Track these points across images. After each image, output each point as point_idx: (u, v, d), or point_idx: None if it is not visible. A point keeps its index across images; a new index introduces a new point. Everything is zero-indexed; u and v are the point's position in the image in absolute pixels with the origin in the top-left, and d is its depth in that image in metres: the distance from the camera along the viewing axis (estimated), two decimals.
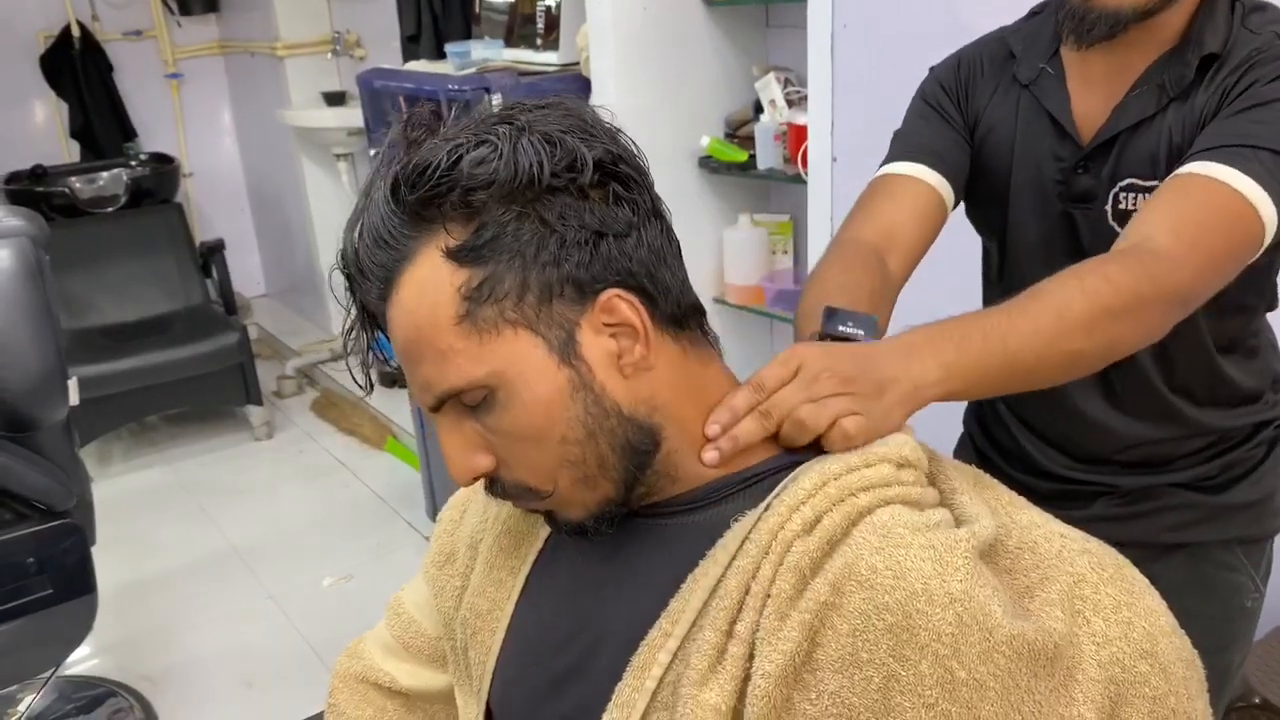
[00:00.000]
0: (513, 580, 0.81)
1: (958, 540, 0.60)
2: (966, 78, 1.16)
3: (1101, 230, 1.07)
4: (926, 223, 1.11)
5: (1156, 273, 0.86)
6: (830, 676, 0.59)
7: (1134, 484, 1.17)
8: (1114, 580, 0.63)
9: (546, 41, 2.58)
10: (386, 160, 0.68)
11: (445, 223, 0.65)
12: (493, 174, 0.64)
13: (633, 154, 0.69)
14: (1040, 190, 1.11)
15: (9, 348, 1.80)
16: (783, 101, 2.23)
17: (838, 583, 0.60)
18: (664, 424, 0.69)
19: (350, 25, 4.00)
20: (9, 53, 4.19)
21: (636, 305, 0.67)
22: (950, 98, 1.16)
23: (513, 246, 0.65)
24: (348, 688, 0.98)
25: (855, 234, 1.07)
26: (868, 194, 1.13)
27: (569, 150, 0.65)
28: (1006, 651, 0.57)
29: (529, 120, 0.66)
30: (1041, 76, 1.10)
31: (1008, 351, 0.80)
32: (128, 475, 3.59)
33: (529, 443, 0.68)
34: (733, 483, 0.71)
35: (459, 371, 0.66)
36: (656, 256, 0.68)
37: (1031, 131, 1.11)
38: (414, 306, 0.66)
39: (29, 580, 1.79)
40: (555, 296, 0.66)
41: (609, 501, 0.71)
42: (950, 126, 1.15)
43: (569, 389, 0.66)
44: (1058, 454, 1.21)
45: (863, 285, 0.98)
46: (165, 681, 2.49)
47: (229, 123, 4.80)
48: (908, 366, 0.74)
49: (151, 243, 3.90)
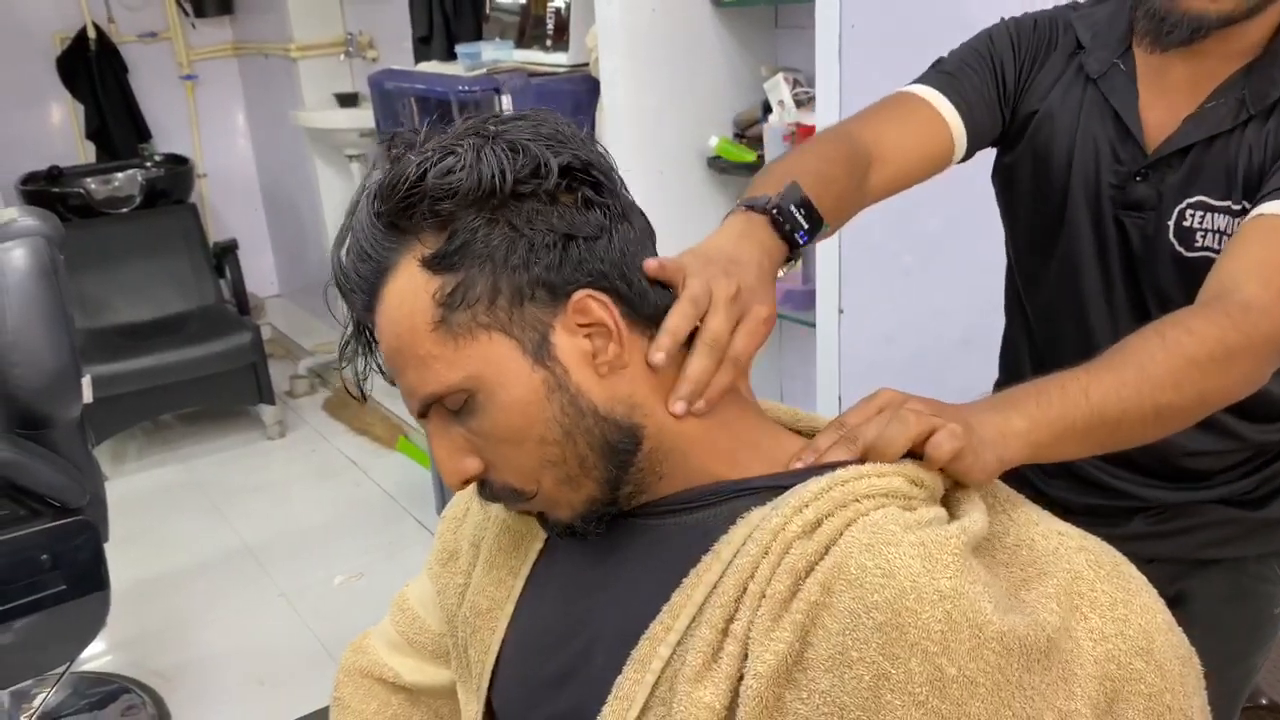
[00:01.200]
0: (513, 579, 0.82)
1: (948, 537, 0.60)
2: (1040, 45, 1.09)
3: (1156, 244, 1.03)
4: (927, 158, 1.06)
5: (1244, 323, 0.82)
6: (821, 675, 0.60)
7: (1172, 499, 1.14)
8: (1110, 577, 0.63)
9: (556, 42, 2.59)
10: (370, 178, 0.70)
11: (419, 233, 0.67)
12: (458, 183, 0.65)
13: (602, 159, 0.71)
14: (1096, 192, 1.06)
15: (24, 346, 1.82)
16: (791, 102, 2.24)
17: (828, 582, 0.61)
18: (644, 422, 0.70)
19: (363, 27, 4.02)
20: (26, 55, 4.22)
21: (608, 305, 0.68)
22: (1015, 58, 1.10)
23: (483, 252, 0.66)
24: (352, 682, 0.99)
25: (856, 132, 1.02)
26: (884, 102, 1.08)
27: (533, 157, 0.66)
28: (996, 648, 0.57)
29: (498, 130, 0.68)
30: (1112, 72, 1.04)
31: (1091, 404, 0.77)
32: (141, 473, 3.62)
33: (509, 444, 0.69)
34: (730, 488, 0.71)
35: (438, 377, 0.68)
36: (630, 258, 0.70)
37: (1094, 128, 1.05)
38: (395, 316, 0.68)
39: (43, 576, 1.81)
40: (527, 299, 0.67)
41: (595, 501, 0.71)
42: (995, 83, 1.09)
43: (545, 390, 0.67)
44: (1101, 460, 1.15)
45: (836, 183, 0.93)
46: (178, 678, 2.51)
47: (243, 124, 4.83)
48: (991, 417, 0.72)
49: (166, 243, 3.93)
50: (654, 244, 0.73)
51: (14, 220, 1.99)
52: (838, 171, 0.95)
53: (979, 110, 1.08)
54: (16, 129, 4.22)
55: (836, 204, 0.92)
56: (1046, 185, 1.10)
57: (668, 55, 2.30)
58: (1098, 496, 1.16)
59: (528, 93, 2.46)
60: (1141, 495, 1.14)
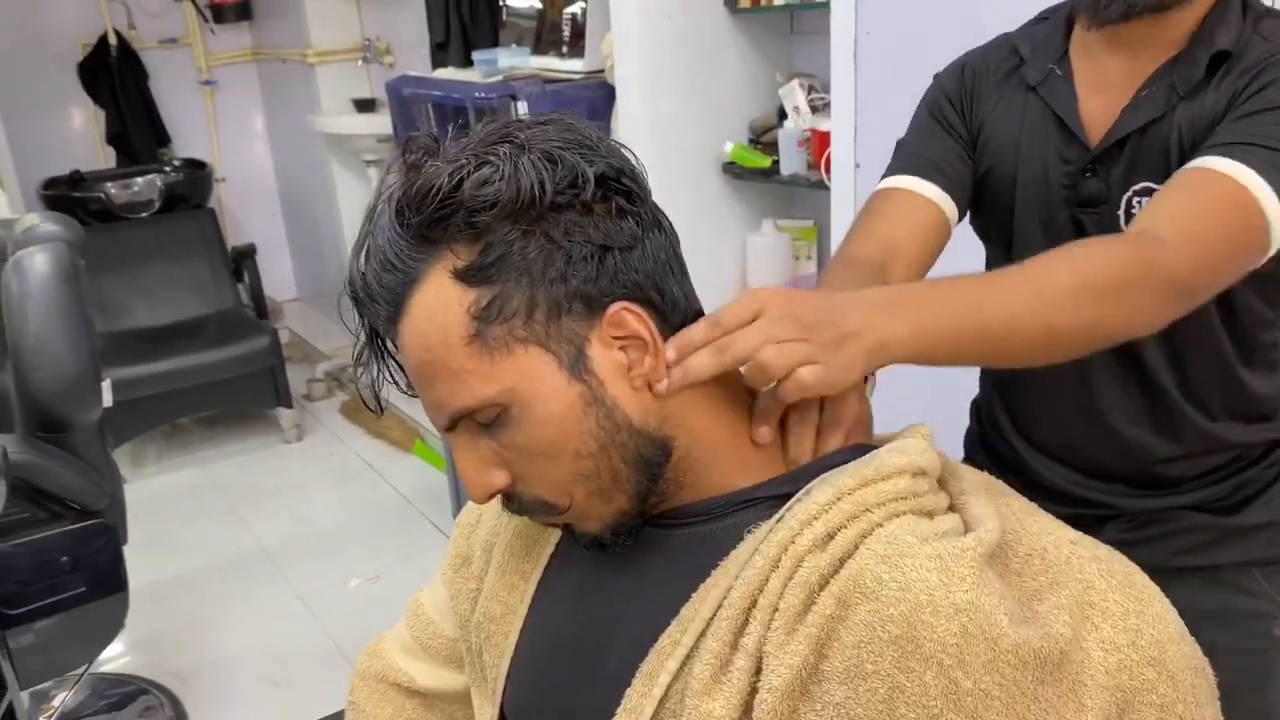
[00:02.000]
0: (525, 585, 0.82)
1: (964, 549, 0.60)
2: (971, 84, 1.14)
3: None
4: (927, 238, 1.09)
5: (1149, 257, 0.84)
6: (836, 688, 0.60)
7: (1143, 506, 1.14)
8: (1122, 587, 0.63)
9: (572, 49, 2.60)
10: (389, 185, 0.68)
11: (451, 244, 0.65)
12: (496, 194, 0.64)
13: (633, 167, 0.70)
14: (1046, 195, 1.09)
15: (44, 350, 1.84)
16: (806, 108, 2.24)
17: (843, 595, 0.60)
18: (674, 434, 0.70)
19: (380, 33, 4.04)
20: (49, 61, 4.26)
21: (644, 317, 0.67)
22: (954, 106, 1.14)
23: (519, 265, 0.65)
24: (367, 686, 0.99)
25: (855, 251, 1.06)
26: (866, 210, 1.12)
27: (570, 167, 0.65)
28: (1012, 660, 0.57)
29: (528, 138, 0.66)
30: (1049, 78, 1.08)
31: (983, 317, 0.77)
32: (160, 476, 3.64)
33: (544, 458, 0.68)
34: (740, 498, 0.71)
35: (471, 391, 0.66)
36: (662, 268, 0.69)
37: (1038, 134, 1.08)
38: (424, 328, 0.67)
39: (63, 578, 1.83)
40: (564, 312, 0.66)
41: (624, 514, 0.71)
42: (952, 138, 1.14)
43: (581, 404, 0.67)
44: (1060, 467, 1.17)
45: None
46: (195, 679, 2.53)
47: (261, 129, 4.86)
48: (873, 319, 0.71)
49: (185, 247, 3.96)
50: (679, 246, 0.73)
51: (36, 225, 2.01)
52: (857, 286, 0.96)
53: (952, 168, 1.12)
54: (39, 134, 4.26)
55: None
56: (997, 197, 1.13)
57: (683, 61, 2.31)
58: (1068, 506, 1.12)
59: (544, 99, 2.47)
60: (1113, 504, 1.14)
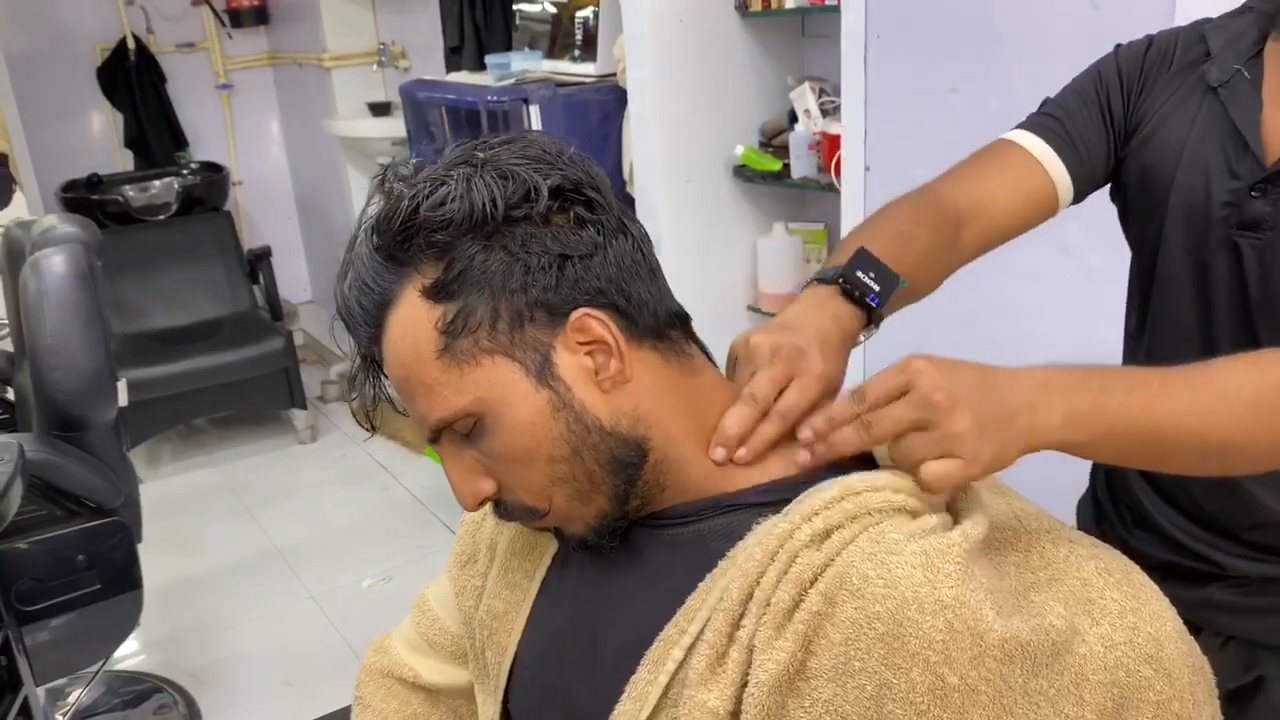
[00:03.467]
0: (528, 583, 0.83)
1: (950, 545, 0.61)
2: (1152, 67, 1.02)
3: (1274, 268, 0.94)
4: (1024, 210, 1.01)
5: None
6: (824, 685, 0.60)
7: (1254, 571, 1.04)
8: (1120, 584, 0.63)
9: (585, 52, 2.61)
10: (368, 213, 0.72)
11: (418, 264, 0.69)
12: (451, 214, 0.67)
13: (594, 177, 0.72)
14: (1204, 210, 0.97)
15: (61, 350, 1.86)
16: (817, 111, 2.24)
17: (830, 592, 0.61)
18: (649, 435, 0.71)
19: (395, 37, 4.07)
20: (68, 65, 4.30)
21: (607, 321, 0.69)
22: (1122, 85, 1.03)
23: (480, 279, 0.68)
24: (373, 682, 1.00)
25: (943, 190, 0.99)
26: (980, 154, 1.04)
27: (522, 182, 0.68)
28: (998, 654, 0.58)
29: (487, 158, 0.70)
30: (1234, 80, 0.96)
31: (1150, 418, 0.70)
32: (175, 476, 3.67)
33: (520, 464, 0.70)
34: (730, 501, 0.72)
35: (445, 403, 0.69)
36: (627, 272, 0.71)
37: (1207, 140, 0.97)
38: (400, 346, 0.70)
39: (78, 576, 1.84)
40: (527, 321, 0.68)
41: (605, 515, 0.73)
42: (1104, 118, 1.03)
43: (549, 409, 0.69)
44: (1177, 515, 1.08)
45: (918, 241, 0.91)
46: (208, 678, 2.55)
47: (277, 132, 4.89)
48: (1033, 401, 0.68)
49: (201, 249, 3.99)
50: (650, 249, 0.74)
51: (54, 227, 2.04)
52: (919, 230, 0.93)
53: (1085, 149, 1.02)
54: (58, 137, 4.30)
55: (922, 262, 0.91)
56: (1149, 202, 1.02)
57: (694, 65, 2.32)
58: (1174, 554, 1.08)
59: (556, 103, 2.48)
60: (1219, 561, 1.05)
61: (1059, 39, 1.59)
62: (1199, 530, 1.06)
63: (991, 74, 1.70)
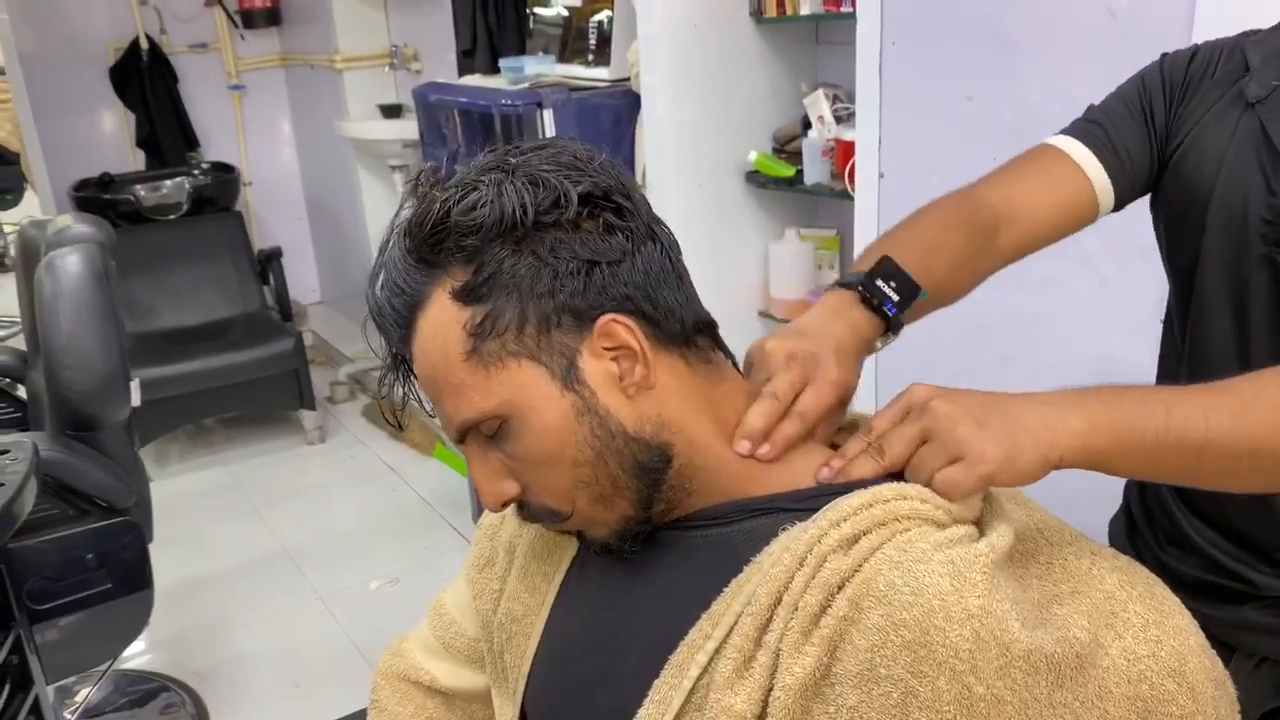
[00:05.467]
0: (547, 586, 0.84)
1: (977, 555, 0.61)
2: (1195, 76, 1.01)
3: None
4: (1063, 215, 0.99)
5: None
6: (849, 691, 0.60)
7: None
8: (1143, 598, 0.63)
9: (598, 57, 2.61)
10: (400, 216, 0.73)
11: (449, 267, 0.70)
12: (481, 218, 0.68)
13: (624, 184, 0.72)
14: (1241, 227, 0.95)
15: (76, 349, 1.86)
16: (831, 117, 2.24)
17: (856, 598, 0.61)
18: (673, 440, 0.71)
19: (407, 39, 4.08)
20: (81, 65, 4.32)
21: (633, 328, 0.70)
22: (1165, 94, 1.01)
23: (509, 282, 0.69)
24: (390, 685, 1.00)
25: (981, 194, 0.98)
26: (1021, 158, 1.03)
27: (552, 188, 0.69)
28: (1024, 666, 0.58)
29: (518, 163, 0.70)
30: (1273, 96, 0.94)
31: (1170, 422, 0.68)
32: (184, 476, 3.68)
33: (544, 467, 0.71)
34: (758, 504, 0.72)
35: (471, 404, 0.70)
36: (654, 279, 0.71)
37: (1245, 156, 0.95)
38: (429, 347, 0.71)
39: (89, 575, 1.85)
40: (554, 326, 0.69)
41: (629, 519, 0.73)
42: (1147, 126, 1.01)
43: (574, 414, 0.69)
44: (1212, 532, 1.06)
45: (949, 248, 0.91)
46: (216, 678, 2.55)
47: (288, 133, 4.90)
48: (1043, 412, 0.68)
49: (212, 249, 4.00)
50: (678, 256, 0.75)
51: (69, 226, 2.04)
52: (951, 237, 0.93)
53: (1128, 155, 1.01)
54: (70, 136, 4.31)
55: (951, 270, 0.91)
56: (1186, 219, 1.01)
57: (708, 70, 2.32)
58: (1208, 572, 1.06)
59: (569, 107, 2.49)
60: (1254, 581, 1.03)
61: (1076, 47, 1.59)
62: (1234, 549, 1.05)
63: (1007, 82, 1.70)
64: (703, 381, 0.74)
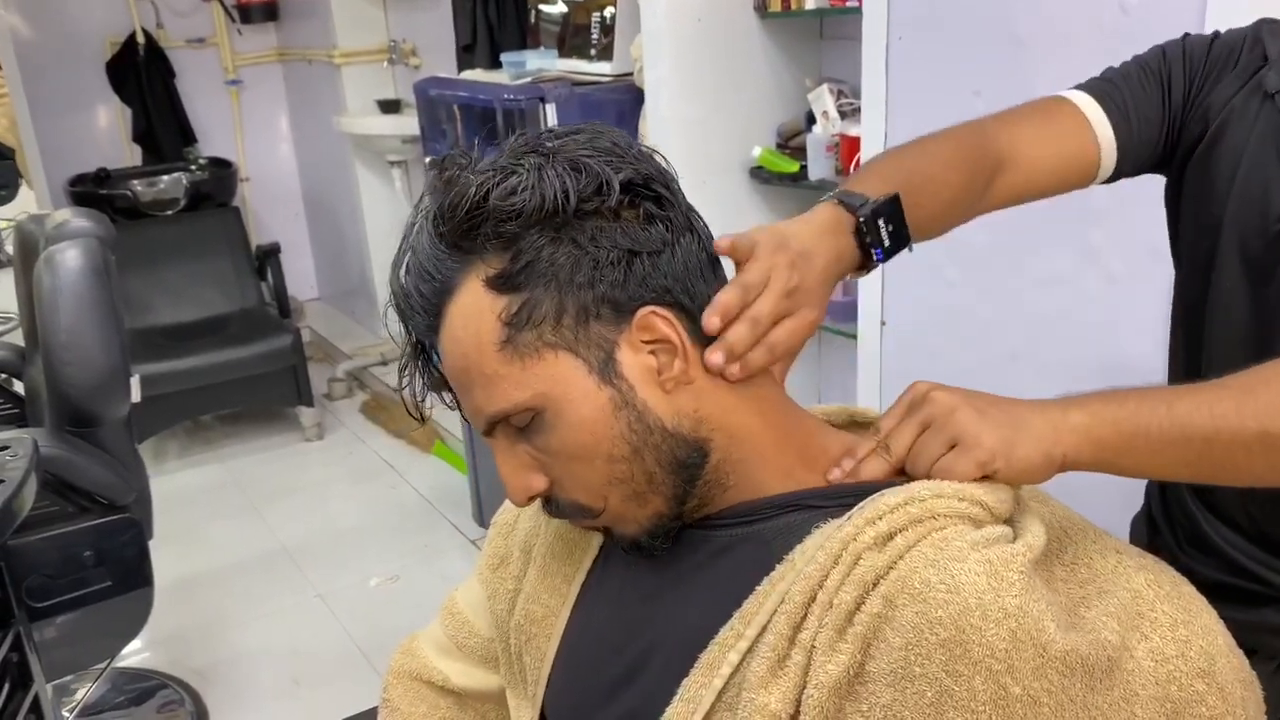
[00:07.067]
0: (567, 587, 0.82)
1: (1014, 554, 0.60)
2: (1217, 63, 0.98)
3: None
4: (1064, 170, 0.97)
5: None
6: (882, 689, 0.60)
7: None
8: (1171, 598, 0.63)
9: (601, 52, 2.60)
10: (425, 201, 0.70)
11: (483, 253, 0.67)
12: (522, 204, 0.66)
13: (663, 171, 0.70)
14: (1260, 222, 0.94)
15: (76, 345, 1.85)
16: (835, 113, 2.23)
17: (890, 595, 0.60)
18: (711, 436, 0.70)
19: (406, 34, 4.06)
20: (78, 59, 4.30)
21: (673, 321, 0.68)
22: (1186, 70, 0.99)
23: (548, 271, 0.66)
24: (402, 684, 0.99)
25: (991, 132, 0.95)
26: (1036, 103, 1.00)
27: (594, 175, 0.67)
28: (1060, 667, 0.57)
29: (556, 147, 0.68)
30: None
31: (1172, 414, 0.68)
32: (182, 473, 3.66)
33: (577, 462, 0.69)
34: (788, 500, 0.71)
35: (505, 396, 0.68)
36: (692, 271, 0.70)
37: (1264, 149, 0.93)
38: (460, 336, 0.69)
39: (88, 572, 1.84)
40: (592, 317, 0.67)
41: (661, 517, 0.72)
42: (1164, 99, 0.99)
43: (611, 408, 0.68)
44: (1233, 533, 1.05)
45: (948, 188, 0.89)
46: (215, 676, 2.54)
47: (286, 129, 4.89)
48: (1047, 410, 0.68)
49: (209, 245, 3.99)
50: (712, 246, 0.73)
51: (68, 221, 2.02)
52: (953, 176, 0.90)
53: (1138, 125, 0.99)
54: (67, 131, 4.30)
55: (945, 209, 0.89)
56: (1205, 213, 0.99)
57: (712, 65, 2.31)
58: (1230, 574, 1.05)
59: (572, 102, 2.47)
60: (1274, 582, 1.02)
61: (1085, 42, 1.58)
62: (1255, 550, 1.04)
63: (1015, 78, 1.69)
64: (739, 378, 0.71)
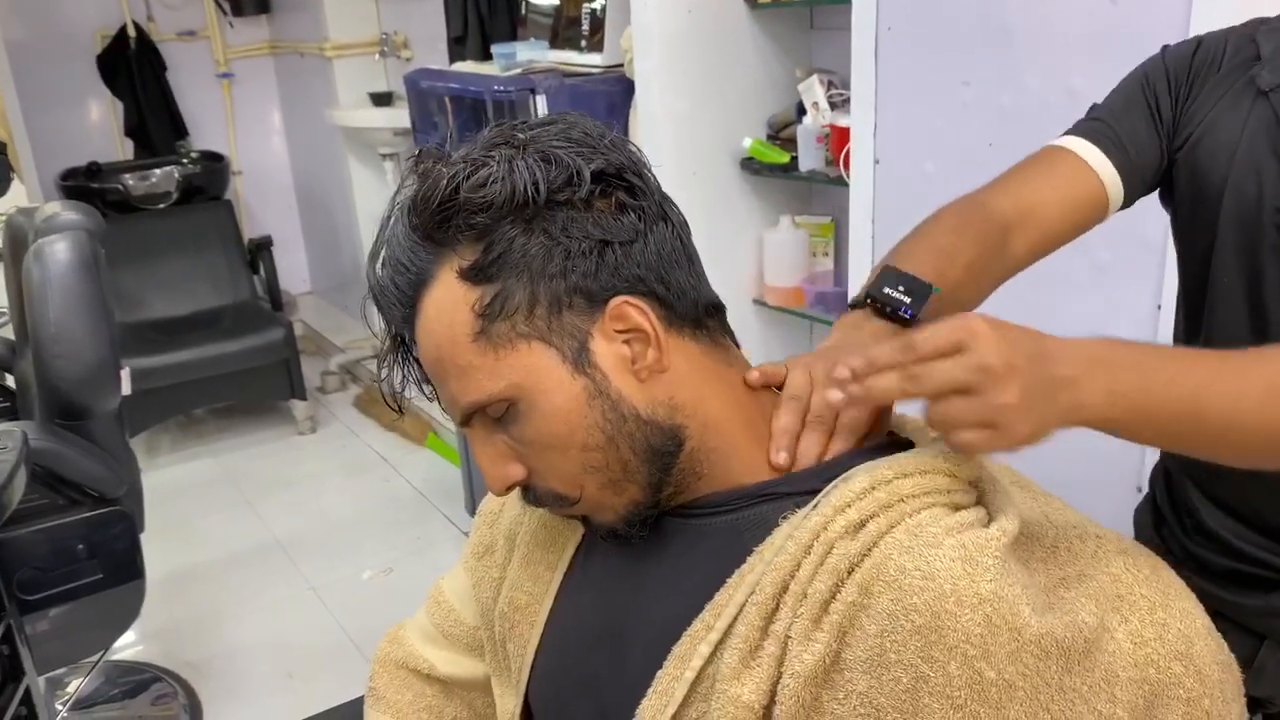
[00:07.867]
0: (550, 575, 0.83)
1: (989, 539, 0.60)
2: (1200, 68, 1.00)
3: None
4: (1075, 213, 0.99)
5: None
6: (859, 677, 0.60)
7: None
8: (1149, 581, 0.63)
9: (591, 43, 2.60)
10: (402, 193, 0.71)
11: (456, 245, 0.68)
12: (492, 195, 0.66)
13: (636, 160, 0.71)
14: (1255, 216, 0.95)
15: (66, 338, 1.85)
16: (825, 104, 2.23)
17: (866, 583, 0.61)
18: (686, 423, 0.70)
19: (398, 27, 4.05)
20: (68, 53, 4.29)
21: (645, 310, 0.68)
22: (1170, 87, 1.01)
23: (520, 262, 0.67)
24: (388, 673, 1.00)
25: (989, 199, 0.97)
26: (1028, 160, 1.02)
27: (565, 166, 0.67)
28: (1035, 650, 0.57)
29: (529, 138, 0.69)
30: None
31: (1199, 403, 0.69)
32: (174, 466, 3.66)
33: (553, 451, 0.70)
34: (765, 490, 0.71)
35: (479, 386, 0.69)
36: (667, 259, 0.70)
37: (1258, 145, 0.94)
38: (434, 327, 0.69)
39: (80, 565, 1.84)
40: (565, 307, 0.67)
41: (637, 504, 0.72)
42: (1153, 120, 1.01)
43: (585, 397, 0.68)
44: (1235, 523, 1.05)
45: (962, 254, 0.90)
46: (208, 668, 2.54)
47: (278, 122, 4.87)
48: (1078, 375, 0.66)
49: (201, 239, 3.98)
50: (689, 236, 0.74)
51: (57, 214, 2.02)
52: (963, 242, 0.91)
53: (1135, 150, 1.00)
54: (58, 125, 4.28)
55: (968, 274, 0.89)
56: (1200, 206, 1.00)
57: (702, 56, 2.31)
58: (1236, 560, 1.06)
59: (562, 93, 2.47)
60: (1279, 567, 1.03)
61: (1074, 33, 1.58)
62: (1259, 537, 1.04)
63: (1004, 68, 1.69)
64: (714, 364, 0.73)
